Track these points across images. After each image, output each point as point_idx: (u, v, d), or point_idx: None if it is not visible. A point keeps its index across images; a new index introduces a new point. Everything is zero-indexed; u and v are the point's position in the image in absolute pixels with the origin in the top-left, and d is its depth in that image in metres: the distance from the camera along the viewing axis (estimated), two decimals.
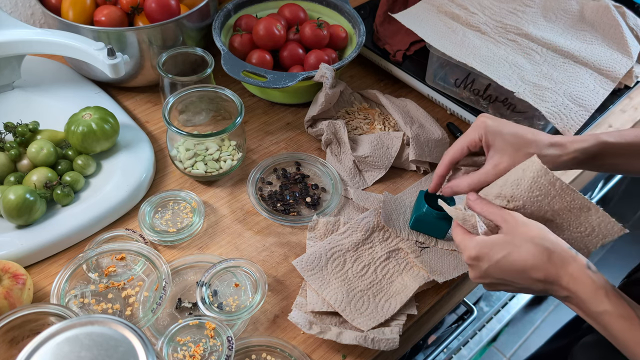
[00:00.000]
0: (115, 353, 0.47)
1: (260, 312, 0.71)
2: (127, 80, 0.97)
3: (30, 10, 1.08)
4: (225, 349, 0.63)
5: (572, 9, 1.03)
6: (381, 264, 0.75)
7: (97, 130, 0.81)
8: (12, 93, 0.92)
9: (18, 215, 0.73)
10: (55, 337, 0.47)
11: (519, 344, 1.78)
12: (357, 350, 0.68)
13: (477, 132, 0.68)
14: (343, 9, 1.03)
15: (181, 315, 0.70)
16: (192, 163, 0.84)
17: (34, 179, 0.78)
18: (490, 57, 0.92)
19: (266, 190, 0.85)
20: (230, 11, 1.00)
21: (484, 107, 0.95)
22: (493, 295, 1.37)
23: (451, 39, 0.95)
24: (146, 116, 0.96)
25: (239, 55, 0.96)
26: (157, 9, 0.91)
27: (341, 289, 0.70)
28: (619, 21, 0.99)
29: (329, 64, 0.93)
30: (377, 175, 0.88)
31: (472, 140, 0.69)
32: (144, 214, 0.79)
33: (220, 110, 0.92)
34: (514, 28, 0.98)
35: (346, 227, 0.77)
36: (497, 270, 0.59)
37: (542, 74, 0.91)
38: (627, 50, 0.96)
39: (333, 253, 0.74)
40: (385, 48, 1.04)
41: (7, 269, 0.67)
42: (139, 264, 0.73)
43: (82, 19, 0.91)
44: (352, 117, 0.95)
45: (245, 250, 0.78)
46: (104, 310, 0.69)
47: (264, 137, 0.94)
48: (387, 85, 1.06)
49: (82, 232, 0.77)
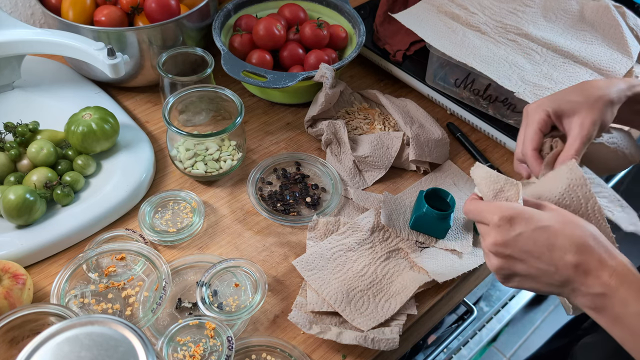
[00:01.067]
0: (115, 353, 0.47)
1: (260, 312, 0.71)
2: (127, 80, 0.97)
3: (30, 10, 1.08)
4: (225, 349, 0.63)
5: (572, 9, 1.03)
6: (381, 264, 0.75)
7: (97, 130, 0.81)
8: (12, 93, 0.92)
9: (18, 215, 0.73)
10: (55, 337, 0.47)
11: (519, 344, 1.78)
12: (357, 350, 0.68)
13: (541, 112, 0.65)
14: (343, 9, 1.03)
15: (181, 315, 0.70)
16: (192, 163, 0.84)
17: (34, 179, 0.78)
18: (490, 57, 0.92)
19: (266, 190, 0.85)
20: (230, 11, 1.00)
21: (484, 107, 0.95)
22: (493, 295, 1.37)
23: (451, 39, 0.95)
24: (146, 116, 0.96)
25: (239, 55, 0.96)
26: (157, 9, 0.91)
27: (341, 289, 0.70)
28: (619, 21, 0.99)
29: (329, 64, 0.93)
30: (377, 175, 0.88)
31: (541, 121, 0.66)
32: (144, 214, 0.79)
33: (220, 110, 0.92)
34: (514, 28, 0.98)
35: (346, 227, 0.77)
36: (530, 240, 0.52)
37: (542, 74, 0.91)
38: (627, 50, 0.96)
39: (333, 253, 0.74)
40: (385, 48, 1.04)
41: (7, 269, 0.67)
42: (139, 264, 0.73)
43: (82, 19, 0.91)
44: (352, 117, 0.95)
45: (245, 250, 0.78)
46: (104, 310, 0.69)
47: (264, 137, 0.94)
48: (387, 85, 1.06)
49: (82, 232, 0.77)
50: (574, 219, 0.53)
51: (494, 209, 0.55)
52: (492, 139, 0.96)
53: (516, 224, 0.53)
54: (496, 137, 0.94)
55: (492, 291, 1.37)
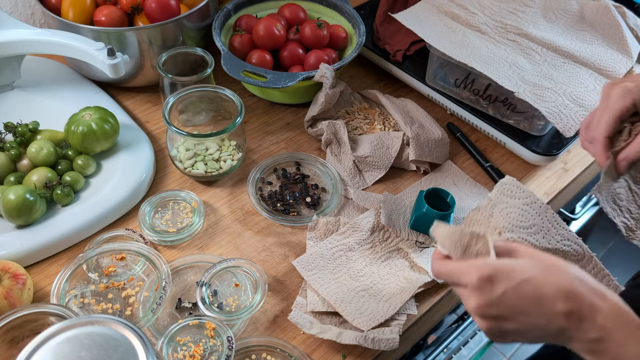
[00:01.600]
0: (115, 353, 0.47)
1: (260, 312, 0.71)
2: (127, 80, 0.97)
3: (30, 10, 1.08)
4: (225, 349, 0.63)
5: (572, 9, 1.03)
6: (381, 264, 0.74)
7: (97, 130, 0.81)
8: (12, 93, 0.92)
9: (18, 215, 0.73)
10: (55, 337, 0.47)
11: (519, 344, 1.78)
12: (357, 350, 0.68)
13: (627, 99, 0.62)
14: (343, 9, 1.03)
15: (181, 315, 0.70)
16: (192, 163, 0.84)
17: (34, 179, 0.78)
18: (490, 57, 0.92)
19: (266, 190, 0.85)
20: (230, 11, 1.00)
21: (484, 107, 0.95)
22: None
23: (451, 39, 0.95)
24: (146, 116, 0.96)
25: (239, 55, 0.96)
26: (157, 9, 0.91)
27: (341, 289, 0.70)
28: (619, 21, 0.99)
29: (329, 64, 0.93)
30: (377, 175, 0.88)
31: (624, 109, 0.62)
32: (144, 214, 0.79)
33: (220, 110, 0.92)
34: (514, 28, 0.98)
35: (346, 227, 0.77)
36: (515, 297, 0.49)
37: (542, 74, 0.91)
38: (627, 50, 0.96)
39: (333, 253, 0.74)
40: (385, 48, 1.04)
41: (7, 269, 0.67)
42: (139, 264, 0.73)
43: (82, 19, 0.91)
44: (352, 117, 0.95)
45: (245, 250, 0.78)
46: (104, 310, 0.69)
47: (264, 137, 0.94)
48: (387, 85, 1.06)
49: (82, 232, 0.77)
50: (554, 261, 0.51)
51: (469, 269, 0.50)
52: (492, 139, 0.96)
53: (497, 283, 0.49)
54: (496, 137, 0.94)
55: None
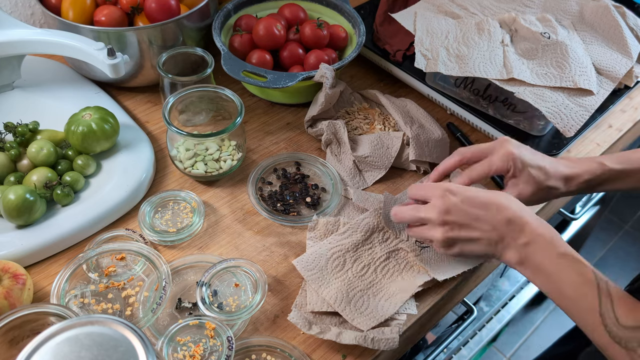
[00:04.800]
0: (115, 353, 0.47)
1: (260, 312, 0.71)
2: (127, 80, 0.97)
3: (30, 10, 1.08)
4: (225, 349, 0.63)
5: (572, 9, 1.03)
6: (381, 264, 0.75)
7: (97, 130, 0.81)
8: (12, 93, 0.92)
9: (18, 215, 0.73)
10: (55, 337, 0.47)
11: (519, 344, 1.78)
12: (357, 350, 0.68)
13: (506, 163, 0.71)
14: (343, 9, 1.03)
15: (181, 315, 0.70)
16: (192, 163, 0.84)
17: (34, 179, 0.78)
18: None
19: (266, 190, 0.85)
20: (230, 11, 1.00)
21: (484, 107, 0.95)
22: (493, 295, 1.37)
23: None
24: (146, 116, 0.96)
25: (239, 55, 0.96)
26: (157, 9, 0.91)
27: (341, 289, 0.70)
28: (619, 21, 0.99)
29: (329, 64, 0.93)
30: (377, 175, 0.88)
31: (499, 169, 0.71)
32: (144, 214, 0.79)
33: (220, 110, 0.92)
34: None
35: (346, 228, 0.77)
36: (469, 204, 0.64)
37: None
38: (627, 51, 0.96)
39: (333, 253, 0.74)
40: (385, 48, 1.04)
41: (7, 269, 0.67)
42: (139, 264, 0.73)
43: (82, 19, 0.91)
44: (352, 117, 0.95)
45: (245, 250, 0.78)
46: (104, 310, 0.69)
47: (264, 137, 0.94)
48: (387, 85, 1.06)
49: (82, 232, 0.77)
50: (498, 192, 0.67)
51: (434, 186, 0.67)
52: (492, 139, 0.96)
53: (457, 194, 0.65)
54: (496, 137, 0.94)
55: (492, 291, 1.37)
